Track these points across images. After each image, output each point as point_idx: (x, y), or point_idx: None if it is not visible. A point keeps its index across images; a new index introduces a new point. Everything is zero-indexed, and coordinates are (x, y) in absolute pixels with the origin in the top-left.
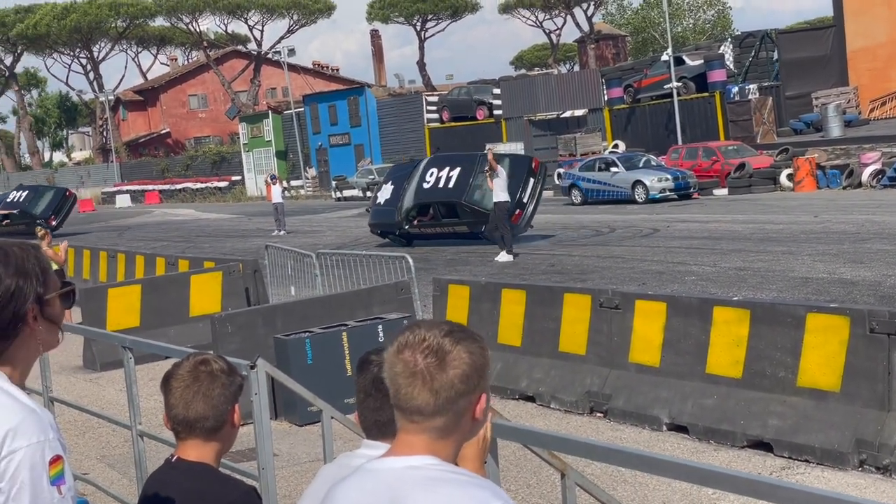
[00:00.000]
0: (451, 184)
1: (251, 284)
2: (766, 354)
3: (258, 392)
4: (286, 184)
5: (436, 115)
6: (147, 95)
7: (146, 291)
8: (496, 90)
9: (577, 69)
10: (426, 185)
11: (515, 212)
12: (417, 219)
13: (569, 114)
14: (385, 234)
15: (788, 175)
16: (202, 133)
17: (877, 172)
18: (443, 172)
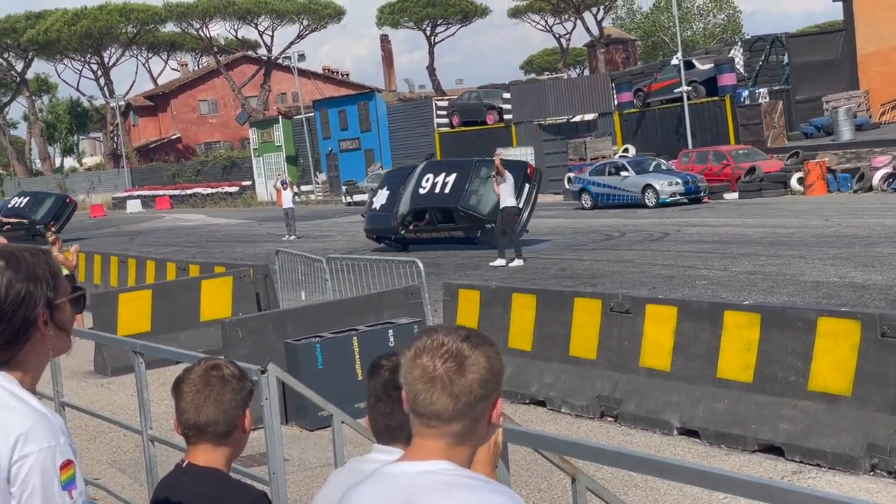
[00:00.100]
0: (448, 189)
1: (262, 289)
2: (777, 358)
3: (269, 397)
4: (296, 189)
5: (446, 120)
6: (157, 101)
7: (157, 296)
8: (506, 95)
9: (587, 73)
10: (422, 191)
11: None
12: (413, 224)
13: (579, 118)
14: (381, 239)
15: (799, 179)
16: (212, 138)
17: (888, 176)
18: (439, 178)
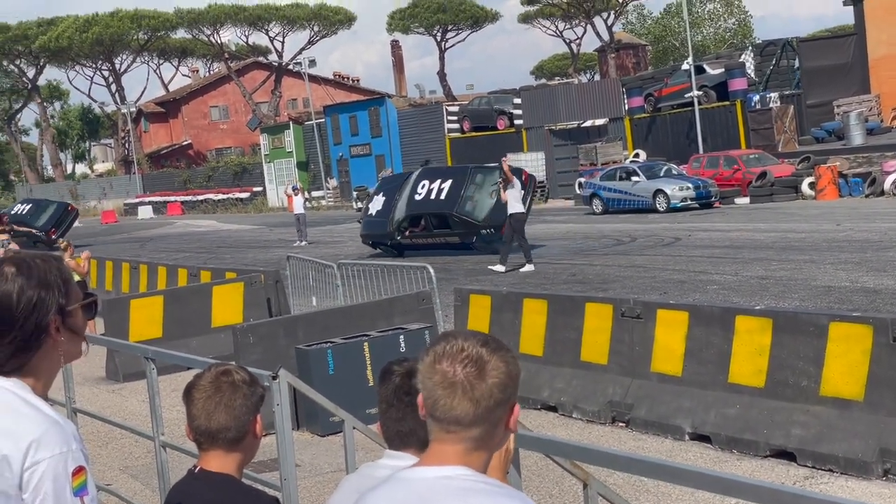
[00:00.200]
0: (443, 195)
1: (273, 295)
2: (789, 363)
3: (280, 403)
4: (307, 195)
5: (456, 126)
6: (169, 107)
7: (168, 302)
8: (517, 100)
9: (598, 78)
10: (418, 197)
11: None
12: (409, 229)
13: (589, 123)
14: (376, 245)
15: (810, 183)
16: (223, 144)
17: None
18: (434, 184)
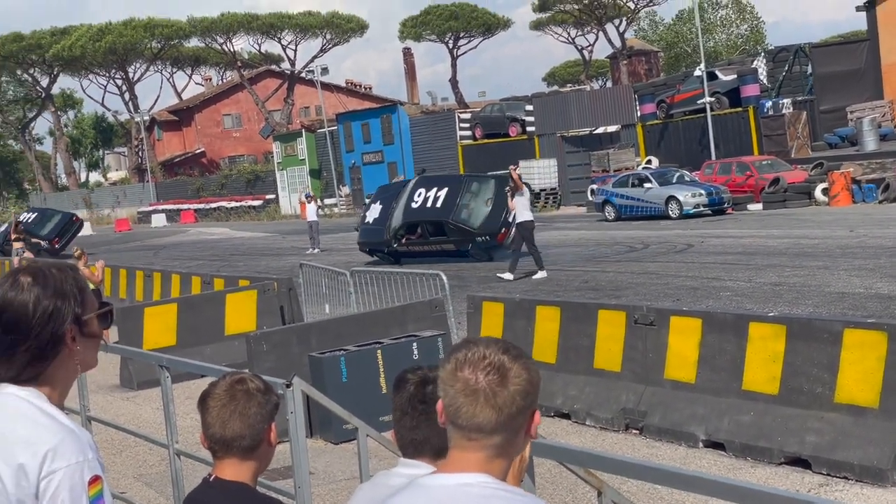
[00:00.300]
0: (439, 203)
1: (286, 303)
2: (803, 370)
3: (294, 410)
4: (320, 202)
5: (468, 133)
6: (182, 115)
7: (182, 310)
8: (529, 107)
9: (610, 85)
10: (414, 205)
11: (501, 230)
12: (406, 237)
13: (601, 130)
14: (373, 252)
15: (823, 189)
16: (236, 152)
17: None
18: (430, 192)
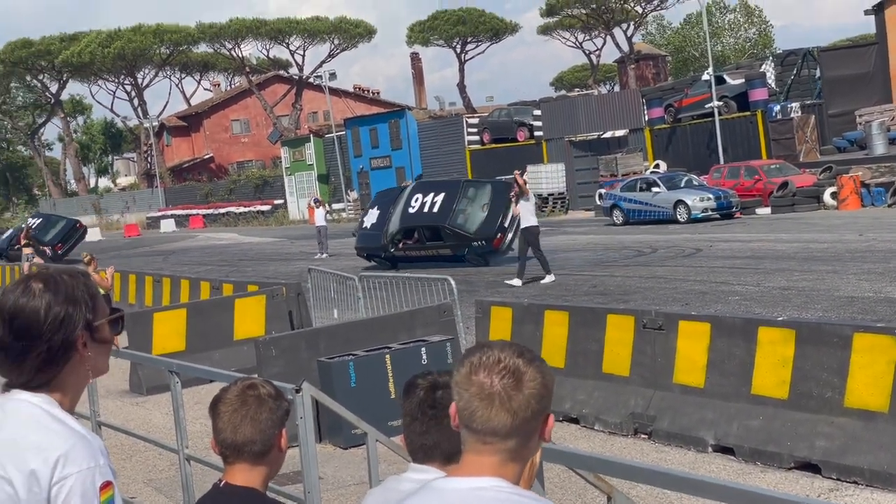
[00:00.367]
0: (436, 209)
1: (294, 308)
2: (813, 375)
3: (304, 416)
4: (328, 207)
5: (476, 138)
6: (190, 121)
7: (191, 315)
8: (536, 111)
9: (618, 90)
10: (411, 210)
11: (497, 235)
12: (402, 242)
13: (609, 134)
14: (371, 257)
15: (832, 193)
16: (245, 157)
17: None
18: (427, 198)
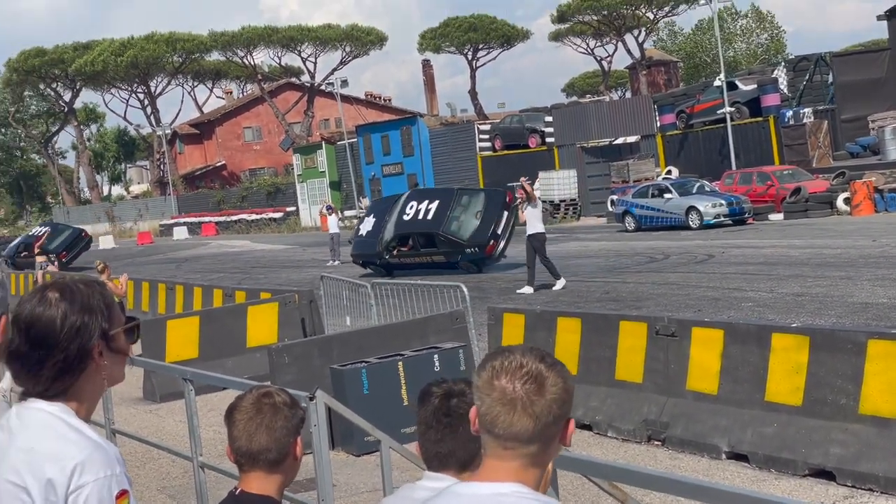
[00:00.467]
0: (430, 216)
1: (307, 315)
2: (827, 381)
3: (317, 423)
4: (340, 214)
5: (488, 144)
6: (203, 128)
7: (204, 323)
8: (548, 118)
9: (629, 96)
10: (406, 217)
11: (490, 242)
12: (397, 249)
13: (621, 140)
14: (366, 264)
15: (845, 199)
16: (257, 165)
17: None
18: (422, 205)
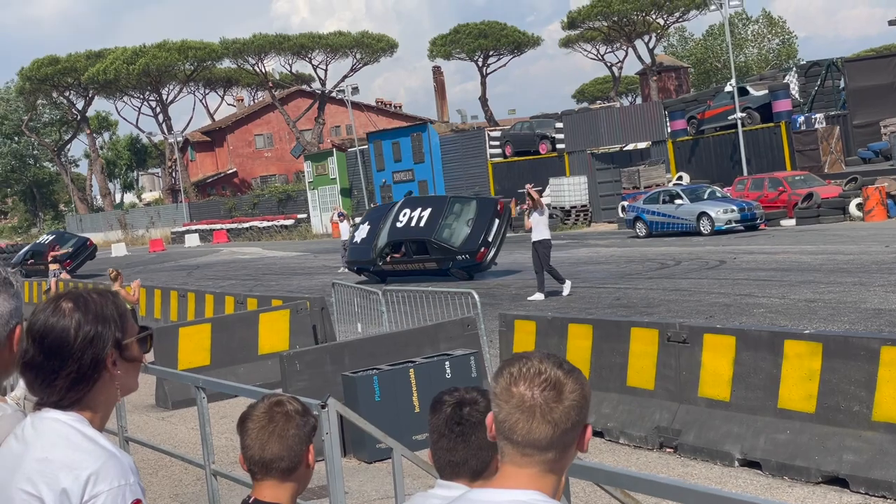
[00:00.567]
0: (423, 223)
1: (318, 322)
2: (840, 388)
3: (329, 431)
4: (353, 221)
5: (499, 150)
6: (214, 136)
7: (216, 330)
8: (558, 124)
9: (640, 101)
10: (399, 224)
11: (481, 249)
12: (390, 256)
13: (632, 146)
14: (361, 271)
15: (858, 204)
16: (268, 172)
17: None
18: (415, 213)
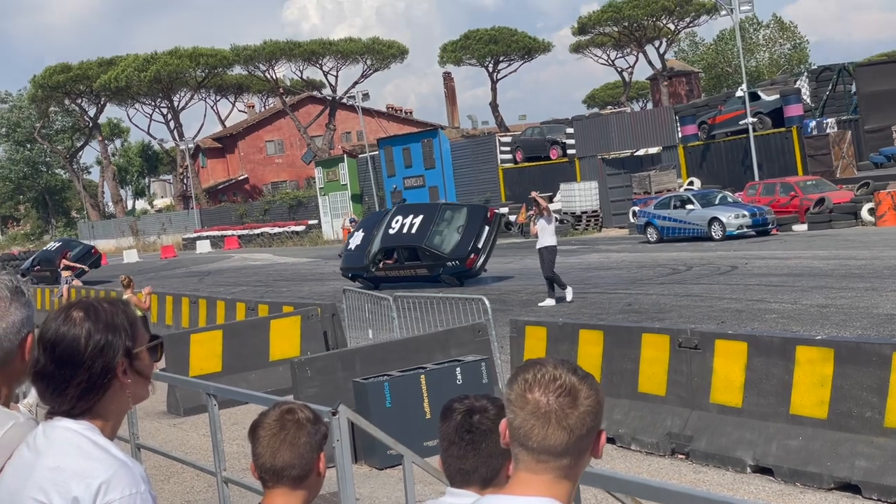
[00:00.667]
0: (414, 230)
1: (329, 328)
2: (852, 394)
3: (340, 438)
4: None
5: (509, 156)
6: (225, 142)
7: (227, 336)
8: (569, 129)
9: (650, 107)
10: (392, 231)
11: (470, 256)
12: (383, 262)
13: (643, 152)
14: (354, 277)
15: (870, 209)
16: (279, 178)
17: None
18: (407, 220)
